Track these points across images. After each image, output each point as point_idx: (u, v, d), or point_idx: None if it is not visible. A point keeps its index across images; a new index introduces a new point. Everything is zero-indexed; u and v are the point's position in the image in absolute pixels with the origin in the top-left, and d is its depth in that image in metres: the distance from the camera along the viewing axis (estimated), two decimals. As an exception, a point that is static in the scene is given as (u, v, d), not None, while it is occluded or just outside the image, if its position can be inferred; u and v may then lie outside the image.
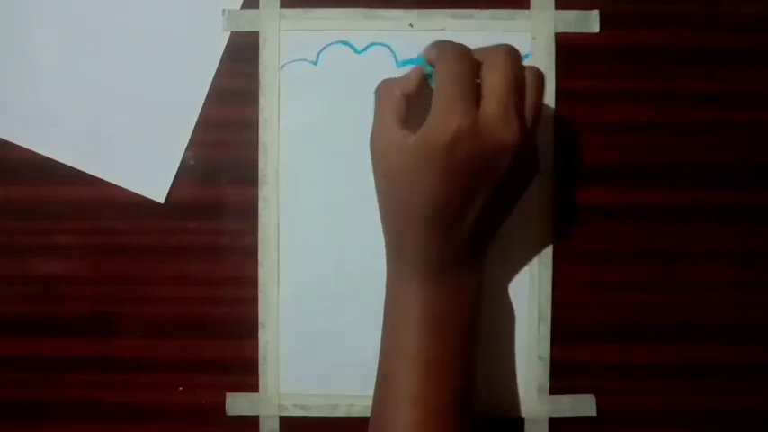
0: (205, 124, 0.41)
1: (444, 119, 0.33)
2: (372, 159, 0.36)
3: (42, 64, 0.41)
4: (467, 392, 0.36)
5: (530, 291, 0.41)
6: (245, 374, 0.41)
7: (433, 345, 0.35)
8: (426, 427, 0.34)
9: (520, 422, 0.41)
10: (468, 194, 0.34)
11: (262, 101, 0.41)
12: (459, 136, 0.33)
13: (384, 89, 0.36)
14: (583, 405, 0.41)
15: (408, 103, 0.35)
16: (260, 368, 0.41)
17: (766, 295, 0.41)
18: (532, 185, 0.37)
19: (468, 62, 0.34)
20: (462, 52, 0.34)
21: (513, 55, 0.35)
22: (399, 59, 0.41)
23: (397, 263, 0.37)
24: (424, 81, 0.36)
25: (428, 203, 0.34)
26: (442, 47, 0.35)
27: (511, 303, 0.41)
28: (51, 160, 0.41)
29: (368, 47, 0.41)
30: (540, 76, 0.35)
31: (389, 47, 0.41)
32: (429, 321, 0.35)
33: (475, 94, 0.34)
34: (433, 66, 0.35)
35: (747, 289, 0.41)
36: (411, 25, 0.41)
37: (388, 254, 0.37)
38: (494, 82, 0.33)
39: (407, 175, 0.34)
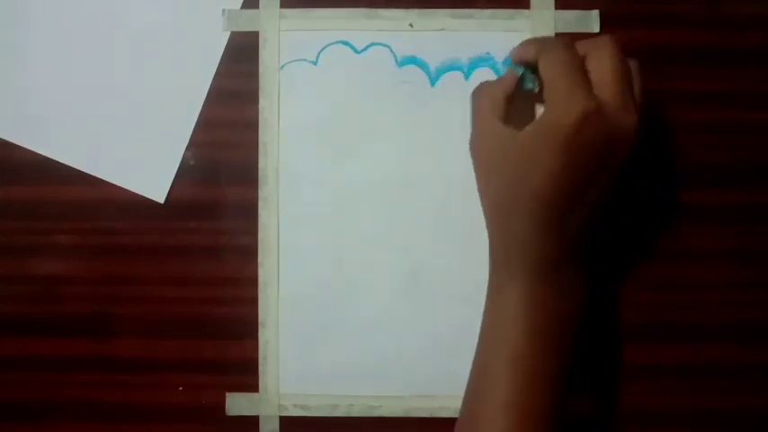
0: (205, 124, 0.41)
1: (567, 104, 0.32)
2: (476, 161, 0.36)
3: (42, 64, 0.41)
4: (562, 400, 0.35)
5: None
6: (245, 374, 0.41)
7: (537, 348, 0.34)
8: None
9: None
10: (588, 183, 0.33)
11: (262, 101, 0.41)
12: (586, 119, 0.32)
13: (484, 91, 0.36)
14: (583, 404, 0.41)
15: (508, 101, 0.35)
16: (260, 368, 0.41)
17: (766, 295, 0.41)
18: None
19: (572, 52, 0.34)
20: (567, 43, 0.35)
21: (617, 43, 0.34)
22: (399, 59, 0.41)
23: (503, 263, 0.35)
24: (518, 84, 0.36)
25: (547, 190, 0.33)
26: (543, 42, 0.35)
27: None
28: (51, 160, 0.41)
29: (368, 47, 0.41)
30: (636, 65, 0.35)
31: (389, 47, 0.41)
32: (534, 323, 0.34)
33: (589, 83, 0.33)
34: (526, 66, 0.35)
35: (747, 289, 0.41)
36: (411, 25, 0.41)
37: (492, 258, 0.36)
38: (606, 69, 0.33)
39: (523, 170, 0.33)
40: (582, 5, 0.41)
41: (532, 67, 0.36)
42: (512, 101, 0.35)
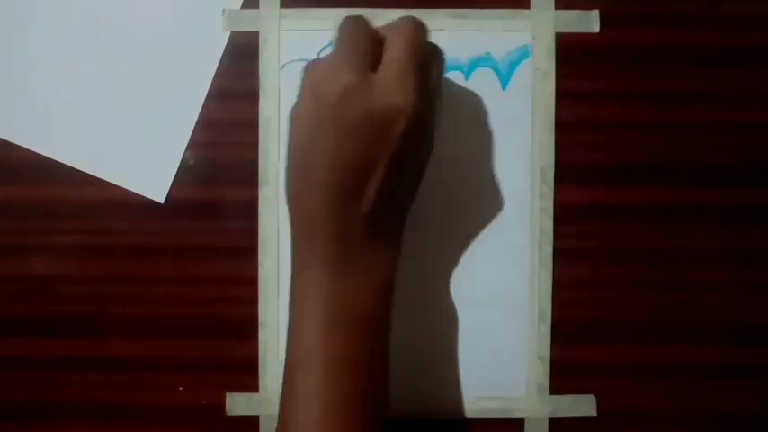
0: (205, 124, 0.41)
1: (334, 75, 0.33)
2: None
3: (42, 64, 0.41)
4: (373, 389, 0.34)
5: (530, 291, 0.41)
6: (245, 374, 0.41)
7: (335, 338, 0.33)
8: (324, 426, 0.32)
9: (520, 422, 0.41)
10: (366, 160, 0.33)
11: (262, 101, 0.41)
12: (348, 93, 0.32)
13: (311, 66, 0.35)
14: (583, 405, 0.41)
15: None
16: (260, 368, 0.41)
17: (766, 295, 0.41)
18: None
19: (362, 27, 0.34)
20: (359, 19, 0.34)
21: (417, 26, 0.34)
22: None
23: (299, 250, 0.35)
24: None
25: (326, 166, 0.33)
26: (343, 20, 0.35)
27: (510, 303, 0.41)
28: (51, 160, 0.41)
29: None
30: (442, 55, 0.36)
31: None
32: (330, 311, 0.34)
33: (369, 58, 0.33)
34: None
35: (747, 289, 0.41)
36: (411, 25, 0.41)
37: (292, 244, 0.36)
38: (394, 48, 0.33)
39: (305, 140, 0.33)
40: (582, 5, 0.41)
41: None
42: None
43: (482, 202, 0.41)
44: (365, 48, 0.33)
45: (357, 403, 0.33)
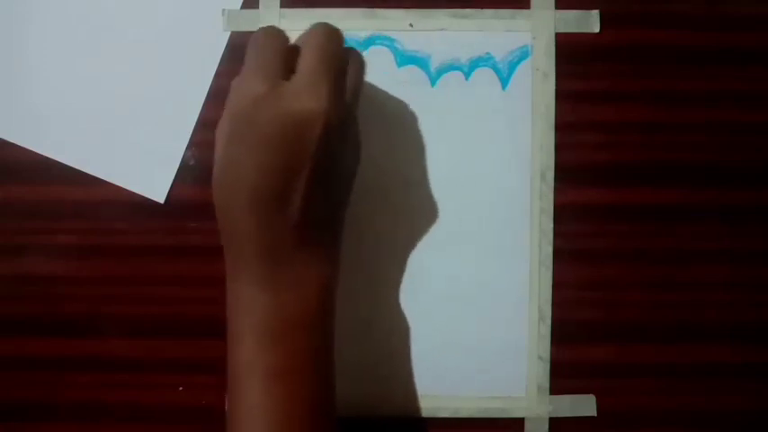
0: (205, 124, 0.41)
1: (244, 86, 0.32)
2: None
3: (42, 64, 0.41)
4: (316, 399, 0.34)
5: (530, 291, 0.41)
6: (245, 374, 0.41)
7: (271, 351, 0.33)
8: None
9: (520, 422, 0.41)
10: (286, 168, 0.32)
11: (262, 101, 0.41)
12: (257, 102, 0.32)
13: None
14: (583, 405, 0.41)
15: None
16: (260, 368, 0.41)
17: (766, 295, 0.41)
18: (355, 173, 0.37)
19: (274, 37, 0.34)
20: (270, 30, 0.34)
21: (330, 33, 0.34)
22: (399, 59, 0.41)
23: (231, 262, 0.34)
24: None
25: (247, 178, 0.32)
26: (262, 27, 0.35)
27: (510, 303, 0.41)
28: (51, 160, 0.41)
29: (368, 47, 0.41)
30: (361, 59, 0.36)
31: (389, 47, 0.41)
32: (264, 324, 0.33)
33: (280, 67, 0.33)
34: None
35: (747, 289, 0.41)
36: (411, 25, 0.41)
37: (225, 252, 0.35)
38: (305, 55, 0.33)
39: (225, 153, 0.33)
40: (582, 5, 0.41)
41: None
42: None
43: (482, 202, 0.41)
44: (275, 57, 0.33)
45: (300, 415, 0.33)
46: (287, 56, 0.33)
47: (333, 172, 0.34)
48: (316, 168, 0.33)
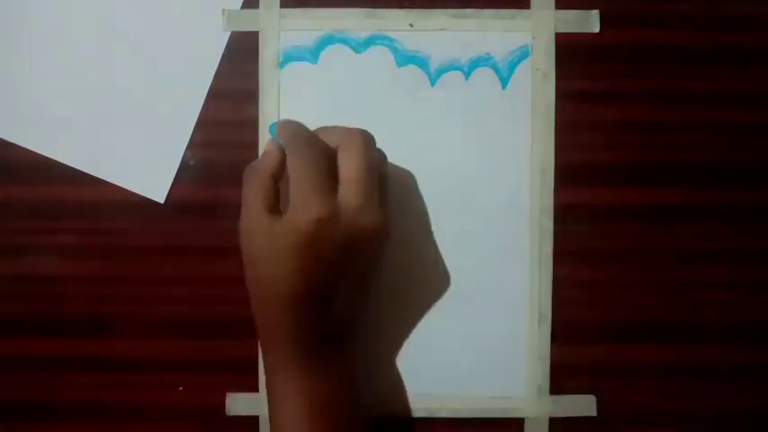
0: (205, 124, 0.41)
1: (303, 209, 0.33)
2: (242, 246, 0.36)
3: (42, 64, 0.41)
4: None
5: (530, 291, 0.41)
6: (245, 374, 0.41)
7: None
8: None
9: (520, 422, 0.41)
10: (335, 280, 0.34)
11: (262, 101, 0.41)
12: (320, 227, 0.33)
13: (252, 174, 0.35)
14: (583, 405, 0.41)
15: (276, 181, 0.35)
16: (260, 368, 0.41)
17: (766, 295, 0.41)
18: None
19: (318, 149, 0.34)
20: (310, 139, 0.35)
21: (367, 140, 0.35)
22: (399, 59, 0.41)
23: (268, 354, 0.36)
24: (284, 154, 0.35)
25: (296, 290, 0.34)
26: (289, 133, 0.35)
27: (510, 303, 0.41)
28: (51, 160, 0.41)
29: (368, 47, 0.41)
30: (383, 154, 0.37)
31: (390, 47, 0.41)
32: (304, 410, 0.35)
33: (330, 181, 0.34)
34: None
35: (747, 289, 0.41)
36: (411, 25, 0.41)
37: (260, 344, 0.37)
38: (352, 167, 0.34)
39: (274, 262, 0.34)
40: (582, 5, 0.41)
41: None
42: (280, 176, 0.35)
43: (482, 202, 0.41)
44: (325, 172, 0.34)
45: None
46: (332, 164, 0.34)
47: (370, 270, 0.37)
48: (365, 274, 0.36)
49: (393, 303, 0.41)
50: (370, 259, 0.36)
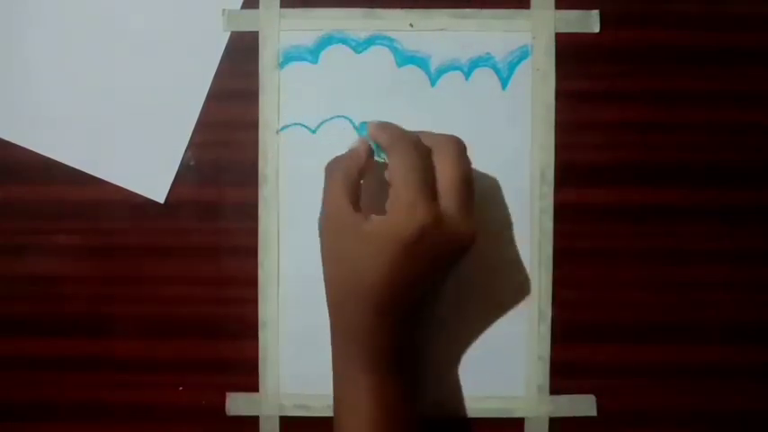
0: (205, 124, 0.41)
1: (407, 215, 0.33)
2: (322, 241, 0.36)
3: (42, 64, 0.41)
4: None
5: (530, 291, 0.41)
6: (245, 374, 0.41)
7: None
8: None
9: (520, 422, 0.41)
10: (424, 285, 0.34)
11: (262, 101, 0.41)
12: (423, 233, 0.33)
13: (338, 166, 0.35)
14: (583, 405, 0.41)
15: (360, 179, 0.35)
16: (260, 368, 0.41)
17: (766, 295, 0.41)
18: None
19: (422, 153, 0.34)
20: (415, 143, 0.35)
21: (462, 148, 0.35)
22: (399, 59, 0.41)
23: (344, 349, 0.36)
24: (372, 153, 0.36)
25: (384, 292, 0.33)
26: (392, 136, 0.35)
27: (510, 303, 0.41)
28: (51, 160, 0.41)
29: (368, 47, 0.41)
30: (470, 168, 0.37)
31: (390, 47, 0.41)
32: (378, 412, 0.35)
33: (432, 188, 0.34)
34: (377, 143, 0.36)
35: (747, 289, 0.41)
36: (411, 25, 0.41)
37: (333, 339, 0.37)
38: (450, 177, 0.34)
39: (363, 263, 0.33)
40: (582, 5, 0.41)
41: None
42: (365, 172, 0.35)
43: (482, 202, 0.41)
44: (428, 179, 0.34)
45: None
46: (433, 170, 0.34)
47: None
48: (444, 280, 0.36)
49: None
50: (453, 266, 0.35)
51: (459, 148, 0.35)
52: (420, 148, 0.34)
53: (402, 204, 0.33)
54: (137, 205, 0.41)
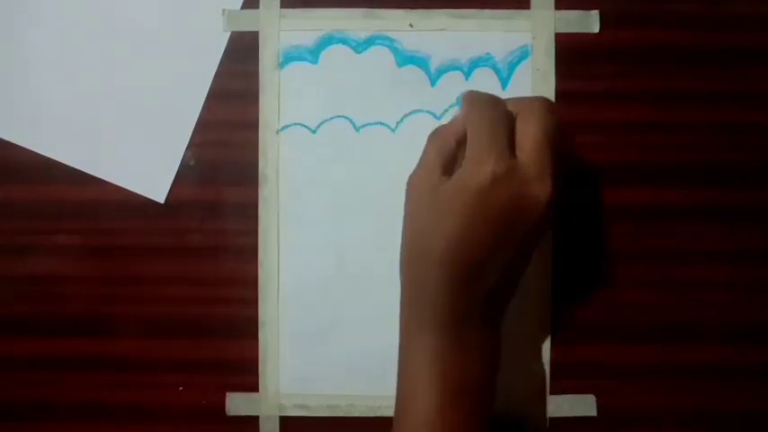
0: (205, 124, 0.41)
1: (479, 164, 0.32)
2: (407, 201, 0.35)
3: (42, 64, 0.41)
4: None
5: (530, 291, 0.41)
6: (245, 374, 0.41)
7: (450, 407, 0.33)
8: None
9: (520, 422, 0.41)
10: (496, 246, 0.33)
11: (262, 101, 0.41)
12: (494, 182, 0.32)
13: (437, 134, 0.35)
14: (583, 405, 0.41)
15: (458, 146, 0.34)
16: (260, 368, 0.41)
17: (766, 295, 0.41)
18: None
19: (500, 111, 0.34)
20: (492, 101, 0.34)
21: (549, 107, 0.34)
22: (399, 59, 0.41)
23: (412, 313, 0.35)
24: None
25: (454, 250, 0.33)
26: (471, 96, 0.35)
27: (510, 303, 0.41)
28: (51, 160, 0.41)
29: (368, 47, 0.41)
30: (572, 132, 0.35)
31: (390, 47, 0.41)
32: (445, 381, 0.33)
33: (509, 144, 0.33)
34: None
35: (747, 289, 0.41)
36: (411, 25, 0.41)
37: (402, 303, 0.36)
38: (529, 134, 0.33)
39: (435, 220, 0.33)
40: (582, 5, 0.41)
41: None
42: (462, 143, 0.34)
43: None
44: (505, 134, 0.33)
45: None
46: (512, 128, 0.34)
47: (529, 245, 0.35)
48: (523, 246, 0.34)
49: (394, 303, 0.41)
50: (531, 234, 0.34)
51: (544, 106, 0.34)
52: (498, 105, 0.34)
53: (475, 152, 0.33)
54: (137, 205, 0.41)
